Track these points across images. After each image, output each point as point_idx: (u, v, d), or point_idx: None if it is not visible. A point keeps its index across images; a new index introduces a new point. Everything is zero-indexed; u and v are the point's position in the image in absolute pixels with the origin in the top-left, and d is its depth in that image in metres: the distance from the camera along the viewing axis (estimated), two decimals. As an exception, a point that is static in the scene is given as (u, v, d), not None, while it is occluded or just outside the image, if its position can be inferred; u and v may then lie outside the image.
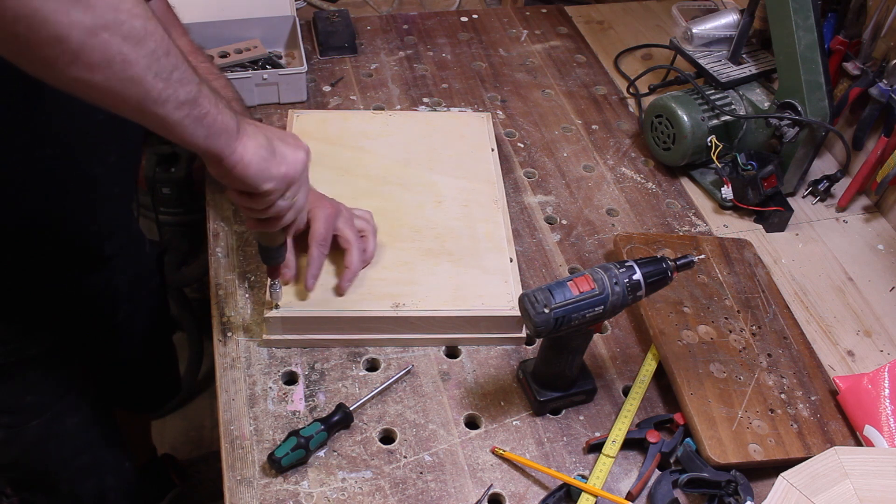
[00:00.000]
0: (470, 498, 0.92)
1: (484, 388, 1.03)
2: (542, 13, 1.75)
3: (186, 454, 1.95)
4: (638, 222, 1.28)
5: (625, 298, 0.89)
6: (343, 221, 1.05)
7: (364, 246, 1.06)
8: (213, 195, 1.25)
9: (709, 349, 1.06)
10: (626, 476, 0.96)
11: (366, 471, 0.94)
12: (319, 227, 1.02)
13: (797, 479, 0.89)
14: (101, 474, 1.33)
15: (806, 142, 1.28)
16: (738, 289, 1.15)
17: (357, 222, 1.07)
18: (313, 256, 1.03)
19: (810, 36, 1.23)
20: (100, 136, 1.00)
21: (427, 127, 1.32)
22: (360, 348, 1.06)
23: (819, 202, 1.37)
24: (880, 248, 1.30)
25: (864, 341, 1.15)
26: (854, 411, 1.01)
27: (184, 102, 0.71)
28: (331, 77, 1.52)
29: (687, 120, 1.30)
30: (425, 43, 1.63)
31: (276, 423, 0.97)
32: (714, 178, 1.36)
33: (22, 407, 1.14)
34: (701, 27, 1.40)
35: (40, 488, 1.30)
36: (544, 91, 1.53)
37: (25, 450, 1.19)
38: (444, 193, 1.20)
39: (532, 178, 1.35)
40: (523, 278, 1.15)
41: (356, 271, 1.05)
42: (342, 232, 1.05)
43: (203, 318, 1.39)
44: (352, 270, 1.04)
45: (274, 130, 0.86)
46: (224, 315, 1.09)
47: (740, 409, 1.00)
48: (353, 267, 1.04)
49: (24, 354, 1.09)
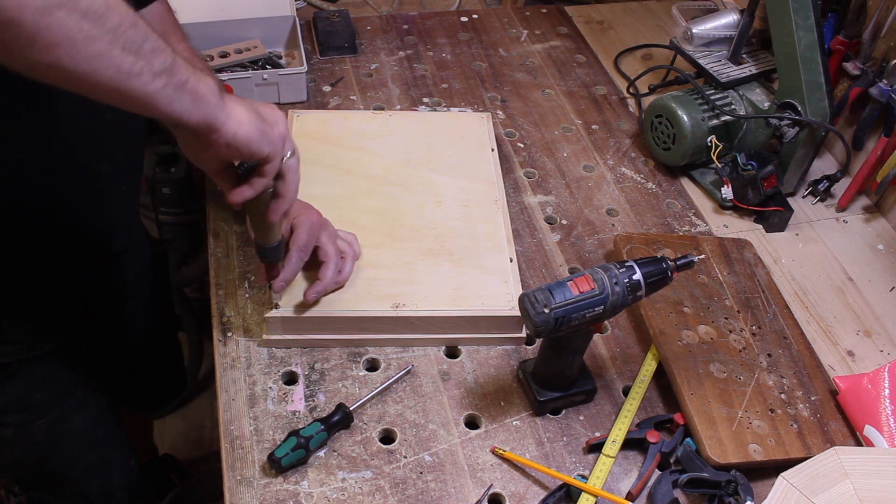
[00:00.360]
0: (470, 498, 0.92)
1: (484, 388, 1.03)
2: (542, 13, 1.75)
3: (186, 454, 1.95)
4: (638, 222, 1.28)
5: (625, 298, 0.89)
6: (326, 236, 1.04)
7: (341, 266, 1.04)
8: (212, 195, 1.25)
9: (709, 349, 1.06)
10: (626, 476, 0.96)
11: (366, 471, 0.94)
12: (302, 233, 1.01)
13: (797, 479, 0.89)
14: (108, 473, 1.34)
15: (806, 142, 1.28)
16: (738, 289, 1.15)
17: (340, 243, 1.06)
18: (291, 261, 1.01)
19: (810, 36, 1.23)
20: (107, 135, 1.00)
21: (427, 127, 1.32)
22: (360, 348, 1.06)
23: (819, 202, 1.37)
24: (880, 248, 1.30)
25: (864, 341, 1.15)
26: (854, 411, 1.01)
27: (160, 72, 0.69)
28: (331, 77, 1.52)
29: (687, 120, 1.30)
30: (425, 43, 1.63)
31: (276, 423, 0.97)
32: (714, 178, 1.36)
33: (30, 405, 1.14)
34: (701, 27, 1.40)
35: (48, 487, 1.30)
36: (544, 91, 1.53)
37: (33, 448, 1.19)
38: (444, 193, 1.20)
39: (532, 178, 1.35)
40: (523, 278, 1.15)
41: (327, 286, 1.02)
42: (324, 245, 1.03)
43: (203, 318, 1.39)
44: (322, 284, 1.01)
45: (242, 97, 0.83)
46: (224, 315, 1.09)
47: (740, 409, 1.00)
48: (325, 280, 1.01)
49: (32, 353, 1.09)
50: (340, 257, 1.05)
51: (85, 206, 1.04)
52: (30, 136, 0.91)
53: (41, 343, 1.09)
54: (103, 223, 1.09)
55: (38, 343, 1.09)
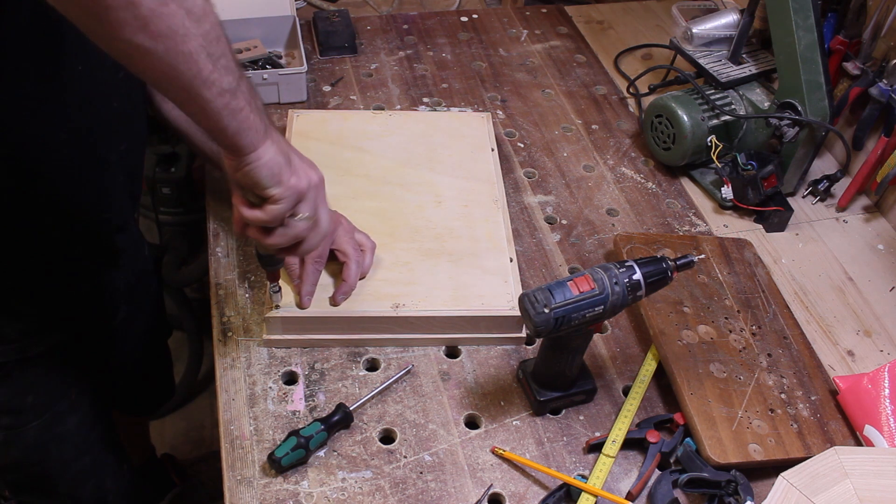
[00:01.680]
0: (470, 498, 0.92)
1: (484, 388, 1.03)
2: (542, 13, 1.75)
3: (186, 454, 1.95)
4: (638, 222, 1.28)
5: (625, 298, 0.89)
6: (342, 233, 1.05)
7: (361, 260, 1.06)
8: (212, 195, 1.25)
9: (709, 349, 1.06)
10: (626, 476, 0.96)
11: (366, 471, 0.94)
12: None
13: (797, 479, 0.89)
14: (101, 476, 1.33)
15: (806, 142, 1.28)
16: (738, 289, 1.15)
17: (358, 236, 1.07)
18: (308, 273, 1.02)
19: (810, 36, 1.23)
20: (113, 123, 1.00)
21: (427, 127, 1.32)
22: (360, 348, 1.06)
23: (819, 202, 1.37)
24: (880, 248, 1.30)
25: (864, 341, 1.15)
26: (854, 411, 1.01)
27: (226, 90, 0.72)
28: (331, 77, 1.52)
29: (687, 120, 1.30)
30: (425, 43, 1.63)
31: (276, 423, 0.97)
32: (714, 178, 1.36)
33: (22, 407, 1.14)
34: (701, 27, 1.40)
35: (40, 491, 1.29)
36: (544, 91, 1.53)
37: (25, 451, 1.19)
38: (444, 193, 1.20)
39: (532, 178, 1.35)
40: (523, 278, 1.15)
41: (353, 286, 1.04)
42: (341, 246, 1.05)
43: (203, 318, 1.39)
44: (348, 284, 1.04)
45: (294, 149, 0.87)
46: (224, 315, 1.09)
47: (740, 409, 1.00)
48: (350, 280, 1.04)
49: (26, 353, 1.09)
50: (360, 250, 1.06)
51: (90, 194, 1.04)
52: (36, 120, 0.91)
53: (34, 344, 1.09)
54: (108, 213, 1.09)
55: (31, 344, 1.09)
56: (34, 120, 0.90)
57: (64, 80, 0.89)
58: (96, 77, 0.92)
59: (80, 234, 1.05)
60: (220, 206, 1.23)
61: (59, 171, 0.96)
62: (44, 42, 0.83)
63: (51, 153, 0.94)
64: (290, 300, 1.04)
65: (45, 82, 0.88)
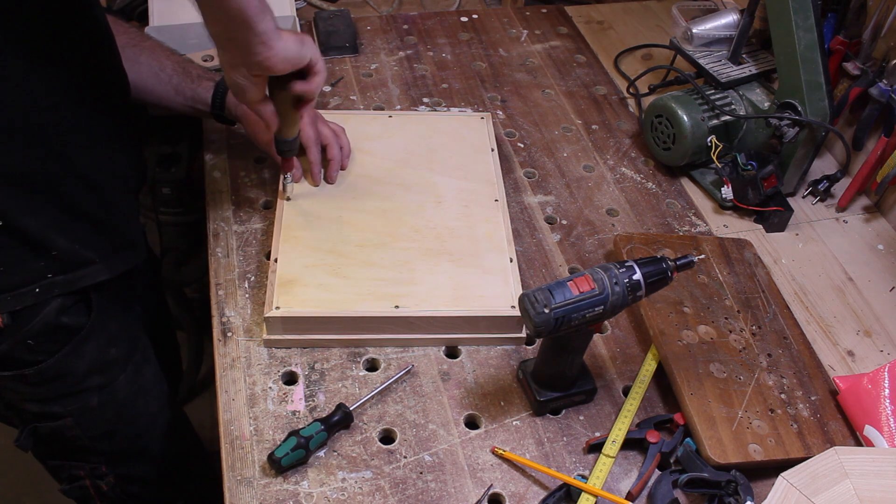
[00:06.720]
0: (470, 498, 0.92)
1: (484, 388, 1.03)
2: (542, 13, 1.75)
3: (186, 454, 1.95)
4: (638, 222, 1.28)
5: (625, 298, 0.89)
6: (321, 122, 1.21)
7: (340, 142, 1.22)
8: (212, 195, 1.25)
9: (709, 349, 1.06)
10: (626, 476, 0.96)
11: (366, 471, 0.94)
12: (309, 130, 1.18)
13: (797, 479, 0.89)
14: (182, 432, 1.33)
15: (806, 142, 1.28)
16: (738, 289, 1.15)
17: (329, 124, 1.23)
18: (314, 154, 1.19)
19: (810, 36, 1.23)
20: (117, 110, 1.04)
21: (427, 127, 1.32)
22: (360, 348, 1.06)
23: (819, 202, 1.37)
24: (880, 248, 1.30)
25: (864, 341, 1.15)
26: (854, 411, 1.01)
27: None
28: (331, 77, 1.51)
29: (687, 120, 1.30)
30: (425, 43, 1.63)
31: (276, 423, 0.98)
32: (714, 178, 1.36)
33: (109, 362, 1.11)
34: (701, 27, 1.40)
35: (137, 456, 1.25)
36: (544, 91, 1.53)
37: (119, 410, 1.16)
38: (444, 193, 1.20)
39: (532, 178, 1.35)
40: (523, 278, 1.15)
41: (339, 160, 1.20)
42: (321, 131, 1.20)
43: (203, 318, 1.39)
44: (336, 160, 1.20)
45: None
46: (224, 315, 1.09)
47: (740, 409, 1.00)
48: (335, 157, 1.20)
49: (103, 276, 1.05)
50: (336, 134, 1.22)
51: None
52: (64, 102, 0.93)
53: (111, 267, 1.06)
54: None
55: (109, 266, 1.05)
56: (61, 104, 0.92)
57: (75, 62, 0.92)
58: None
59: None
60: (220, 206, 1.23)
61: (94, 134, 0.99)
62: None
63: None
64: (290, 300, 1.04)
65: (59, 64, 0.91)
